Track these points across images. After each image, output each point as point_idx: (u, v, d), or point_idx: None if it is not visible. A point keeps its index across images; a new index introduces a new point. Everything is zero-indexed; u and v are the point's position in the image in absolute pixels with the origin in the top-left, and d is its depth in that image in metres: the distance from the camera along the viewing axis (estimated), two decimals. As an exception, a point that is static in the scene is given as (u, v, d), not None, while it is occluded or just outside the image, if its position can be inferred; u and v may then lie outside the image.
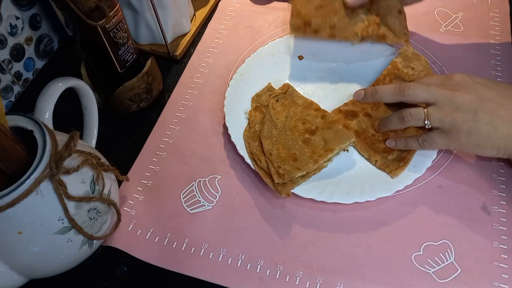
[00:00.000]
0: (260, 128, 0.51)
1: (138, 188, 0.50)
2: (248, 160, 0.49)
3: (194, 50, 0.64)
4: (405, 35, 0.55)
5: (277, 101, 0.54)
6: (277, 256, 0.44)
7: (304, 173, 0.47)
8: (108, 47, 0.49)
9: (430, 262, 0.43)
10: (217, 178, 0.50)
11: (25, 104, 0.60)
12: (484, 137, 0.42)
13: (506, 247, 0.43)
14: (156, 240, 0.46)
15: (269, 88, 0.56)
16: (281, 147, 0.49)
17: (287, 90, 0.55)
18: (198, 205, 0.48)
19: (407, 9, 0.66)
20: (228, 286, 0.43)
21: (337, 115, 0.52)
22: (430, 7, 0.66)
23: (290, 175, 0.46)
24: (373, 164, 0.49)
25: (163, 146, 0.53)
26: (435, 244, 0.44)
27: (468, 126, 0.42)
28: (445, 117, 0.43)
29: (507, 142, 0.41)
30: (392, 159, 0.48)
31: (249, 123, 0.53)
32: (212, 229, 0.46)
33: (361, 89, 0.51)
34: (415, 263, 0.43)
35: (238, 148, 0.50)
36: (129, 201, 0.49)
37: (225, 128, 0.52)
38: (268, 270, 0.43)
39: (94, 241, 0.41)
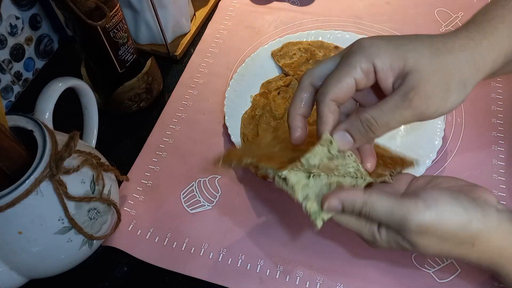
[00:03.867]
0: (260, 116, 0.52)
1: (138, 188, 0.50)
2: (238, 144, 0.49)
3: (194, 50, 0.64)
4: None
5: (278, 93, 0.54)
6: (277, 256, 0.44)
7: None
8: (108, 47, 0.49)
9: (430, 262, 0.43)
10: (217, 178, 0.50)
11: (25, 104, 0.60)
12: None
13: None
14: (156, 240, 0.46)
15: (280, 77, 0.57)
16: None
17: (289, 83, 0.55)
18: (198, 205, 0.48)
19: (408, 10, 0.66)
20: (228, 286, 0.43)
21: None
22: (430, 7, 0.66)
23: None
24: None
25: (163, 146, 0.53)
26: (435, 244, 0.43)
27: None
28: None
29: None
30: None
31: (252, 106, 0.54)
32: (212, 229, 0.46)
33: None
34: (415, 263, 0.43)
35: (238, 148, 0.50)
36: (129, 201, 0.49)
37: (225, 128, 0.52)
38: (268, 270, 0.43)
39: (94, 241, 0.41)
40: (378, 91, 0.32)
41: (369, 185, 0.35)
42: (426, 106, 0.29)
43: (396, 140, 0.51)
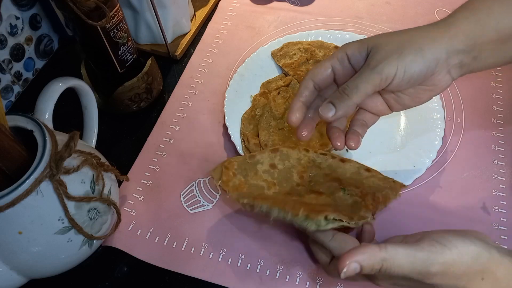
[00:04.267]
0: (260, 116, 0.52)
1: (138, 188, 0.50)
2: (240, 149, 0.49)
3: (194, 50, 0.64)
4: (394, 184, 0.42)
5: (278, 93, 0.54)
6: (277, 256, 0.44)
7: None
8: (108, 47, 0.49)
9: (430, 262, 0.42)
10: (217, 178, 0.50)
11: (25, 104, 0.60)
12: None
13: (506, 247, 0.43)
14: (156, 240, 0.46)
15: (280, 77, 0.57)
16: (277, 139, 0.49)
17: (289, 83, 0.55)
18: (198, 205, 0.48)
19: (408, 9, 0.66)
20: (228, 286, 0.43)
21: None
22: (430, 7, 0.66)
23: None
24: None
25: (163, 146, 0.53)
26: (435, 244, 0.43)
27: None
28: None
29: None
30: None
31: (252, 106, 0.54)
32: (212, 229, 0.46)
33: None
34: (415, 263, 0.43)
35: (238, 148, 0.50)
36: (129, 201, 0.49)
37: (225, 128, 0.52)
38: (268, 270, 0.43)
39: (94, 241, 0.41)
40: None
41: (347, 228, 0.37)
42: (383, 67, 0.35)
43: (396, 140, 0.51)
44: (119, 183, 0.48)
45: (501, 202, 0.46)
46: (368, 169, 0.43)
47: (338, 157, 0.44)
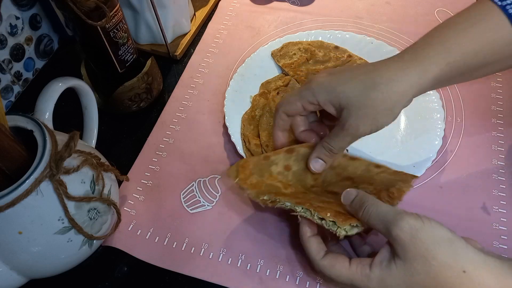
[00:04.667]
0: (260, 116, 0.52)
1: (138, 188, 0.50)
2: (241, 149, 0.49)
3: (194, 50, 0.64)
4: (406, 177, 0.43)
5: (277, 93, 0.54)
6: (277, 256, 0.44)
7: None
8: (108, 47, 0.49)
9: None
10: (217, 178, 0.50)
11: (25, 104, 0.60)
12: None
13: (506, 247, 0.43)
14: (156, 240, 0.46)
15: (280, 77, 0.57)
16: None
17: (288, 83, 0.55)
18: (198, 205, 0.48)
19: (408, 9, 0.66)
20: (228, 286, 0.43)
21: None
22: (430, 7, 0.66)
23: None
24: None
25: (163, 146, 0.53)
26: (435, 244, 0.43)
27: None
28: None
29: None
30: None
31: (251, 106, 0.54)
32: (212, 229, 0.46)
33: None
34: (415, 263, 0.43)
35: (238, 148, 0.50)
36: (129, 201, 0.49)
37: (225, 128, 0.52)
38: (268, 270, 0.43)
39: (94, 241, 0.41)
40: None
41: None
42: (360, 131, 0.38)
43: (396, 140, 0.51)
44: (119, 183, 0.48)
45: (501, 202, 0.46)
46: (378, 166, 0.43)
47: (348, 155, 0.44)
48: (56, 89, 0.42)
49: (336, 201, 0.40)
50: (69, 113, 0.48)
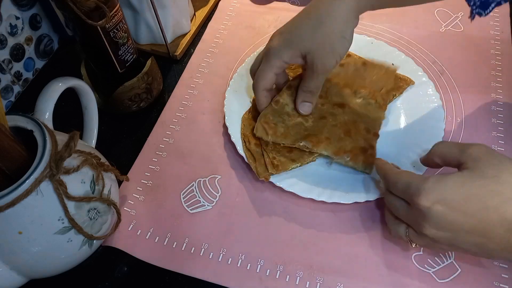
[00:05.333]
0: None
1: (138, 188, 0.50)
2: (241, 149, 0.49)
3: (194, 50, 0.64)
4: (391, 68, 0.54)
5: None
6: (277, 256, 0.44)
7: (299, 165, 0.48)
8: (108, 47, 0.49)
9: (430, 262, 0.43)
10: (217, 178, 0.50)
11: (25, 104, 0.60)
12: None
13: (506, 247, 0.43)
14: (156, 240, 0.46)
15: None
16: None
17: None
18: (198, 205, 0.48)
19: (408, 10, 0.66)
20: (228, 286, 0.43)
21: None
22: (430, 7, 0.66)
23: (284, 167, 0.47)
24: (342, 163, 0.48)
25: (163, 146, 0.53)
26: (435, 244, 0.43)
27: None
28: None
29: None
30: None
31: (251, 106, 0.54)
32: (212, 229, 0.46)
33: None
34: (415, 263, 0.43)
35: (238, 148, 0.50)
36: (129, 201, 0.49)
37: (225, 128, 0.52)
38: (268, 270, 0.43)
39: (94, 241, 0.41)
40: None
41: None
42: (327, 66, 0.44)
43: (396, 140, 0.51)
44: (119, 183, 0.48)
45: (501, 202, 0.46)
46: (364, 63, 0.54)
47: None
48: (56, 89, 0.42)
49: (350, 119, 0.50)
50: (69, 113, 0.48)
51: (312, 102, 0.48)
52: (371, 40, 0.59)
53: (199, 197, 0.49)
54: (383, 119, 0.51)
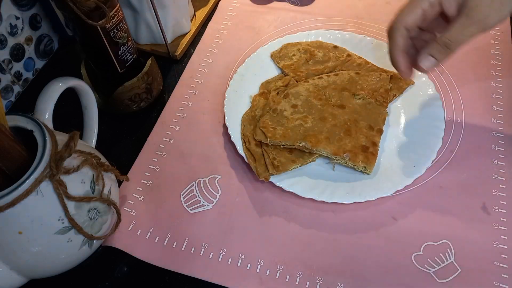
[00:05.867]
0: (260, 116, 0.52)
1: (138, 188, 0.50)
2: (241, 149, 0.50)
3: (194, 50, 0.64)
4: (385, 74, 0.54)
5: (277, 94, 0.54)
6: (277, 256, 0.44)
7: (299, 165, 0.48)
8: (108, 47, 0.49)
9: (430, 262, 0.43)
10: (217, 178, 0.50)
11: (25, 104, 0.60)
12: None
13: (506, 247, 0.43)
14: (156, 240, 0.46)
15: (279, 77, 0.57)
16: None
17: (288, 83, 0.55)
18: (198, 205, 0.48)
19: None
20: (228, 286, 0.43)
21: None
22: (430, 7, 0.66)
23: (285, 168, 0.47)
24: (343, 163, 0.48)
25: (163, 146, 0.53)
26: (435, 244, 0.44)
27: None
28: None
29: None
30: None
31: (251, 106, 0.54)
32: (212, 229, 0.46)
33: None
34: (415, 263, 0.43)
35: (238, 148, 0.50)
36: (129, 201, 0.49)
37: (225, 128, 0.52)
38: (268, 270, 0.43)
39: (94, 241, 0.41)
40: (444, 19, 0.40)
41: None
42: (489, 18, 0.36)
43: (396, 140, 0.51)
44: (119, 183, 0.48)
45: (501, 202, 0.46)
46: (357, 73, 0.54)
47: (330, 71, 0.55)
48: (56, 89, 0.42)
49: (350, 118, 0.50)
50: (69, 113, 0.48)
51: (440, 60, 0.40)
52: (371, 40, 0.59)
53: (199, 197, 0.49)
54: (387, 116, 0.51)
